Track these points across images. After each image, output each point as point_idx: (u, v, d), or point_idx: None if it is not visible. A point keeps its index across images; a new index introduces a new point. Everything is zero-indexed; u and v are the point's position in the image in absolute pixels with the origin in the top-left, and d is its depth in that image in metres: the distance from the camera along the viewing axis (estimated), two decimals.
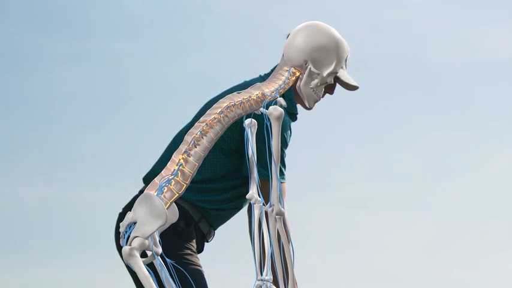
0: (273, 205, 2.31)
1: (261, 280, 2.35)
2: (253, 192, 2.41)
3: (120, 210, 3.00)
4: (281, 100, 2.45)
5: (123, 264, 2.83)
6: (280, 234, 2.34)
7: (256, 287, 2.33)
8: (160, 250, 2.34)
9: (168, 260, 2.38)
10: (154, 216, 2.26)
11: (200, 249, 3.12)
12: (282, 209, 2.31)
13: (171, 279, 2.38)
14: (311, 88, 2.50)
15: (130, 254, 2.21)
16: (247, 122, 2.47)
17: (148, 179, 3.05)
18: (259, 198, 2.41)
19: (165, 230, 2.39)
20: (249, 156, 2.50)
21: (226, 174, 3.06)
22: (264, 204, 2.46)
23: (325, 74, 2.44)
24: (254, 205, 2.41)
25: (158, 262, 2.31)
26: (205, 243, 3.19)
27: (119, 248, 2.87)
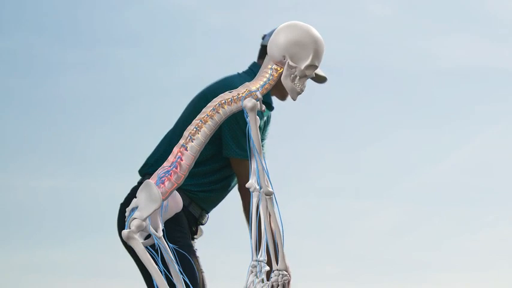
0: (262, 187, 2.26)
1: (256, 261, 2.32)
2: (253, 182, 2.36)
3: (122, 201, 2.97)
4: (257, 93, 2.38)
5: (124, 248, 2.93)
6: (271, 213, 2.30)
7: (252, 266, 2.29)
8: (160, 234, 2.32)
9: (170, 244, 2.35)
10: (151, 201, 2.26)
11: (194, 232, 3.07)
12: (270, 189, 2.26)
13: (171, 260, 2.36)
14: (291, 81, 2.39)
15: (129, 236, 2.22)
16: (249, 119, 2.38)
17: (142, 171, 3.07)
18: (257, 187, 2.34)
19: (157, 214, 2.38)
20: (251, 149, 2.40)
21: (210, 157, 3.02)
22: (259, 191, 2.37)
23: (302, 67, 2.34)
24: (253, 193, 2.35)
25: (156, 243, 2.29)
26: (201, 226, 3.15)
27: (120, 234, 2.81)
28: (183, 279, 2.36)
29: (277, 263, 2.25)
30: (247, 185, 2.34)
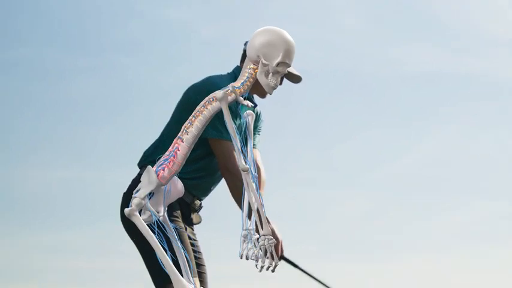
0: (239, 165, 2.25)
1: (246, 230, 2.33)
2: (248, 166, 2.32)
3: (125, 190, 2.97)
4: (240, 89, 2.36)
5: (125, 232, 2.93)
6: (249, 186, 2.29)
7: (243, 235, 2.31)
8: (161, 214, 2.36)
9: (172, 225, 2.40)
10: (149, 183, 2.30)
11: (187, 216, 3.03)
12: (245, 165, 2.25)
13: (171, 236, 2.38)
14: (265, 77, 2.36)
15: (130, 213, 2.26)
16: (245, 113, 2.44)
17: (140, 163, 3.05)
18: (253, 173, 2.33)
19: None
20: (248, 143, 2.43)
21: (193, 147, 2.94)
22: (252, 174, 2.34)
23: (274, 64, 2.32)
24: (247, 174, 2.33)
25: (154, 219, 2.32)
26: (200, 214, 3.12)
27: (122, 221, 2.92)
28: (182, 253, 2.38)
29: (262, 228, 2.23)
30: (242, 169, 2.32)
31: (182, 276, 2.33)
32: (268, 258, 2.23)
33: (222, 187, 3.05)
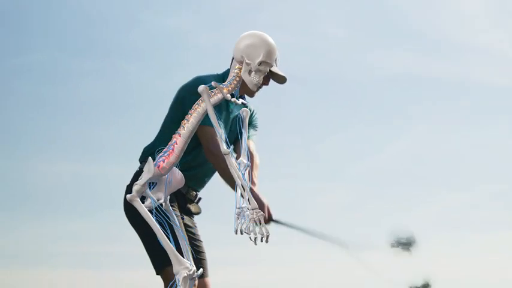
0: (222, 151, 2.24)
1: (240, 208, 2.26)
2: (242, 158, 2.41)
3: (128, 183, 2.94)
4: (217, 84, 2.35)
5: (128, 221, 2.91)
6: (232, 166, 2.26)
7: (237, 213, 2.26)
8: (161, 201, 2.39)
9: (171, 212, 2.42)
10: (148, 172, 2.32)
11: (183, 206, 3.01)
12: (226, 149, 2.24)
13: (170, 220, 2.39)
14: (249, 75, 2.34)
15: (132, 198, 2.29)
16: (241, 110, 2.47)
17: (141, 158, 3.03)
18: (245, 162, 2.40)
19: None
20: (243, 135, 2.46)
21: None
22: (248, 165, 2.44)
23: (256, 62, 2.31)
24: (241, 165, 2.39)
25: (153, 204, 2.34)
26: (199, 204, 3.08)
27: (125, 210, 2.90)
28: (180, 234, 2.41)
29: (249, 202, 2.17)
30: (238, 161, 2.38)
31: (183, 256, 2.34)
32: (259, 229, 2.20)
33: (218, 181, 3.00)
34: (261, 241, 2.21)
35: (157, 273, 2.85)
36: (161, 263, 2.77)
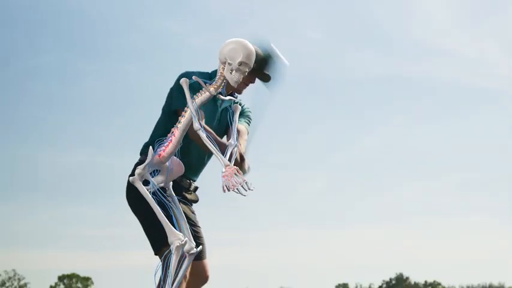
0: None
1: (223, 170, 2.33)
2: (230, 140, 2.47)
3: (130, 173, 2.89)
4: (198, 79, 2.46)
5: (129, 207, 2.91)
6: (205, 140, 2.35)
7: (222, 175, 2.32)
8: (162, 184, 2.44)
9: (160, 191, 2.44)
10: (147, 159, 2.37)
11: (179, 193, 2.88)
12: (198, 126, 2.34)
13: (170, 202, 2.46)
14: (230, 73, 2.45)
15: (134, 180, 2.36)
16: (233, 106, 2.56)
17: (142, 150, 3.00)
18: (233, 143, 2.47)
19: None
20: (233, 128, 2.53)
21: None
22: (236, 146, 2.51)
23: (236, 62, 2.42)
24: (229, 146, 2.47)
25: (151, 186, 2.38)
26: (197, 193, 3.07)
27: (127, 197, 2.89)
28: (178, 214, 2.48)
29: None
30: (227, 143, 2.46)
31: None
32: (237, 179, 2.28)
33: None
34: (245, 190, 2.26)
35: (155, 254, 2.83)
36: (159, 244, 2.74)
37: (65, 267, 58.79)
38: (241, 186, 2.31)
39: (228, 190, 2.29)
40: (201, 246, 2.65)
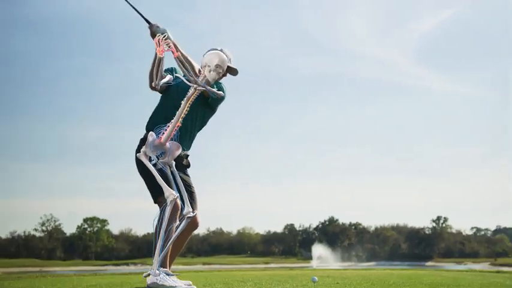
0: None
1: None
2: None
3: (136, 146, 2.85)
4: (176, 75, 2.83)
5: (137, 169, 2.87)
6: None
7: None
8: (165, 160, 2.62)
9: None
10: (150, 141, 2.59)
11: (176, 160, 2.81)
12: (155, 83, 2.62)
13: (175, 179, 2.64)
14: (209, 73, 2.69)
15: (140, 156, 2.62)
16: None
17: (147, 126, 2.92)
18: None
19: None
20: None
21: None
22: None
23: (213, 65, 2.67)
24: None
25: (154, 159, 2.57)
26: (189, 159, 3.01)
27: (136, 162, 2.82)
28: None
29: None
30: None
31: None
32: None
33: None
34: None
35: (154, 202, 2.85)
36: (155, 195, 2.80)
37: (88, 212, 65.64)
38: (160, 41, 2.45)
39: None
40: (196, 210, 2.87)
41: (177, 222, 2.68)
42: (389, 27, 74.66)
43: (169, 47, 2.42)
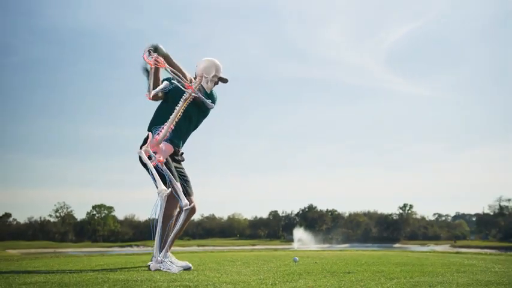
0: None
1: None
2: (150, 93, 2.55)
3: (140, 143, 2.74)
4: (167, 82, 2.64)
5: (142, 165, 2.74)
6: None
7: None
8: (160, 159, 2.50)
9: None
10: (149, 141, 2.52)
11: (172, 156, 2.78)
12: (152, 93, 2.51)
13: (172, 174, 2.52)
14: (206, 83, 2.58)
15: (140, 153, 2.52)
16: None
17: (149, 127, 2.82)
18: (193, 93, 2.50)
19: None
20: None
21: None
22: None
23: (210, 75, 2.55)
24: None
25: (154, 160, 2.46)
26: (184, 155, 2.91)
27: (140, 159, 2.70)
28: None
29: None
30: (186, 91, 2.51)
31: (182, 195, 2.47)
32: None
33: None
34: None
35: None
36: (157, 185, 2.68)
37: (96, 200, 67.69)
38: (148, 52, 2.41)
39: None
40: (193, 203, 2.77)
41: (178, 209, 2.61)
42: (362, 37, 77.27)
43: (157, 62, 2.39)
